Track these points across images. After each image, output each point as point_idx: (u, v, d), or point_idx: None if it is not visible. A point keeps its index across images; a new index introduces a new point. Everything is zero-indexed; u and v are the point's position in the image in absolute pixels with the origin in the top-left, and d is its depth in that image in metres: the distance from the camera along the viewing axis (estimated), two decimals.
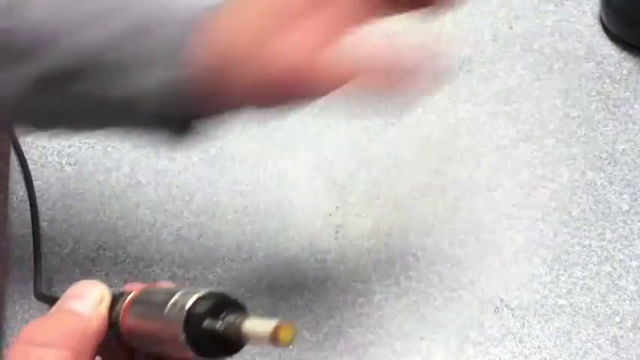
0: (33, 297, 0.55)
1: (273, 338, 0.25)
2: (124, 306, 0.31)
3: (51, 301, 0.47)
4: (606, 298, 0.53)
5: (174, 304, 0.28)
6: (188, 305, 0.27)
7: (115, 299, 0.32)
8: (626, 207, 0.58)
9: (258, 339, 0.26)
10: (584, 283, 0.54)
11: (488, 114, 0.65)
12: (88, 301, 0.30)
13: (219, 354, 0.28)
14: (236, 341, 0.27)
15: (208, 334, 0.27)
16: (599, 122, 0.63)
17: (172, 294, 0.29)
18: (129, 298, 0.31)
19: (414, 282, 0.55)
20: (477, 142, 0.63)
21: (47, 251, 0.60)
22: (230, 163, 0.63)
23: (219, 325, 0.27)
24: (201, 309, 0.27)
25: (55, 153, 0.65)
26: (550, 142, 0.62)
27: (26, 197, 0.61)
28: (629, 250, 0.55)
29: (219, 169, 0.63)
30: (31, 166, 0.63)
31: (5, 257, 0.60)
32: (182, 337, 0.27)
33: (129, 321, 0.30)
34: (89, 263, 0.59)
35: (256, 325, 0.26)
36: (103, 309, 0.31)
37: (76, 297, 0.31)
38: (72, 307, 0.30)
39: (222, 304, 0.28)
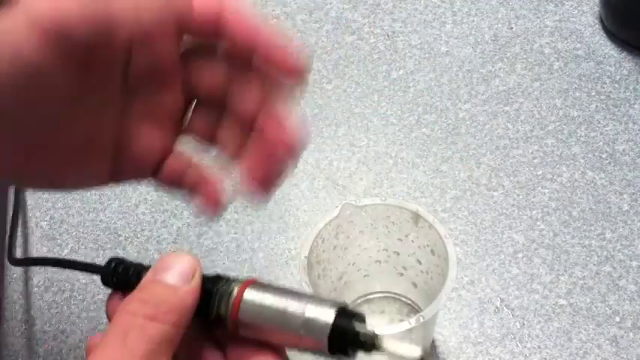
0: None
1: None
2: (233, 301, 0.32)
3: (28, 262, 0.46)
4: (606, 298, 0.53)
5: (312, 319, 0.30)
6: (331, 321, 0.29)
7: (209, 281, 0.32)
8: (626, 207, 0.58)
9: (396, 356, 0.29)
10: (584, 283, 0.54)
11: (488, 114, 0.65)
12: (182, 275, 0.31)
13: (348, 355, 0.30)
14: (368, 349, 0.29)
15: (349, 343, 0.29)
16: (599, 122, 0.63)
17: (298, 301, 0.30)
18: (236, 292, 0.32)
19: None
20: (476, 142, 0.63)
21: (47, 251, 0.60)
22: (230, 162, 0.63)
23: (361, 335, 0.29)
24: (342, 324, 0.29)
25: None
26: (550, 142, 0.62)
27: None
28: (629, 250, 0.55)
29: (219, 168, 0.63)
30: None
31: None
32: (326, 348, 0.29)
33: (244, 318, 0.31)
34: None
35: (396, 345, 0.29)
36: (195, 284, 0.31)
37: (170, 269, 0.31)
38: (169, 280, 0.31)
39: (350, 314, 0.30)
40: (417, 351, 0.29)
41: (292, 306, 0.30)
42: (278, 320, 0.30)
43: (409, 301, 0.53)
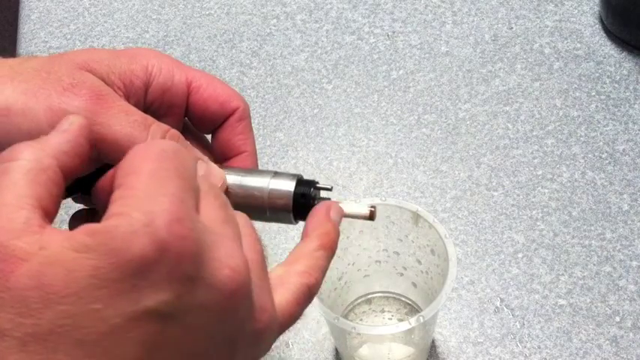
0: None
1: (371, 216, 0.34)
2: None
3: None
4: (606, 298, 0.53)
5: (275, 190, 0.35)
6: (292, 189, 0.35)
7: None
8: (626, 207, 0.58)
9: (355, 216, 0.34)
10: (584, 283, 0.54)
11: (488, 114, 0.65)
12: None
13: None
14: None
15: (308, 206, 0.35)
16: (599, 122, 0.63)
17: (263, 176, 0.35)
18: None
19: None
20: (476, 142, 0.63)
21: None
22: None
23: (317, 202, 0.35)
24: (302, 190, 0.35)
25: None
26: (550, 142, 0.62)
27: None
28: (629, 250, 0.55)
29: None
30: None
31: None
32: (291, 216, 0.36)
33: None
34: None
35: (353, 206, 0.34)
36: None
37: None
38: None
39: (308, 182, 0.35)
40: (364, 208, 0.34)
41: (258, 181, 0.35)
42: (247, 193, 0.35)
43: (409, 301, 0.53)
